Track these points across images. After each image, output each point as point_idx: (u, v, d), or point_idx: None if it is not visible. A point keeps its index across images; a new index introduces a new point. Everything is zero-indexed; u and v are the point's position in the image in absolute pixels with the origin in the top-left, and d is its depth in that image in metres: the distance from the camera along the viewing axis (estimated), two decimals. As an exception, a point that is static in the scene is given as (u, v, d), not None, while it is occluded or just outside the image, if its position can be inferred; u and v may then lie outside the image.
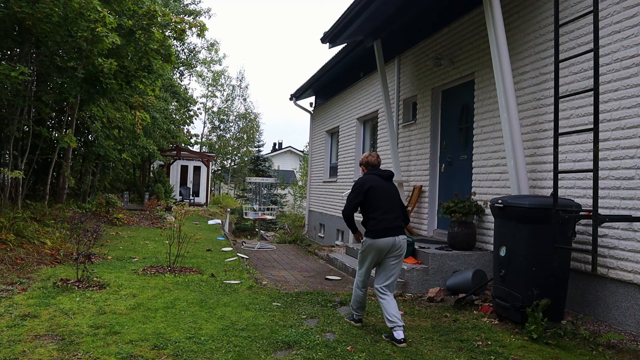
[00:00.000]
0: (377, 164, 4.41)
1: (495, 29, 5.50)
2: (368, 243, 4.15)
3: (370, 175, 4.31)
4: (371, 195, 4.16)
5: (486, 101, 6.59)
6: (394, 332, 3.90)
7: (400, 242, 4.14)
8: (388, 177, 4.32)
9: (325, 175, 14.31)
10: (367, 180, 4.23)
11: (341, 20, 7.78)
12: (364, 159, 4.46)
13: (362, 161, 4.47)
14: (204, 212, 18.95)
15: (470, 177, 6.91)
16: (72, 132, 10.55)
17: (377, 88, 10.24)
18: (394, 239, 4.10)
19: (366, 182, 4.21)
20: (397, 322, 3.91)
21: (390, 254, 4.14)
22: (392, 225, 4.12)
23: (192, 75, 27.63)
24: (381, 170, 4.36)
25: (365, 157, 4.46)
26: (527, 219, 4.40)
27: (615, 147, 4.57)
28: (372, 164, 4.39)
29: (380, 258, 4.18)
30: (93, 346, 3.46)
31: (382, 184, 4.24)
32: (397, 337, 3.86)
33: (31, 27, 6.95)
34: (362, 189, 4.18)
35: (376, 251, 4.13)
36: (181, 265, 6.68)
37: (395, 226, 4.13)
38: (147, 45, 8.46)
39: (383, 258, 4.18)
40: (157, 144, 17.59)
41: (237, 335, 3.86)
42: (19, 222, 7.38)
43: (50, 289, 5.06)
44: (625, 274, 4.40)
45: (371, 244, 4.13)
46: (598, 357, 3.72)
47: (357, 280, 4.37)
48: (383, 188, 4.21)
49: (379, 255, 4.16)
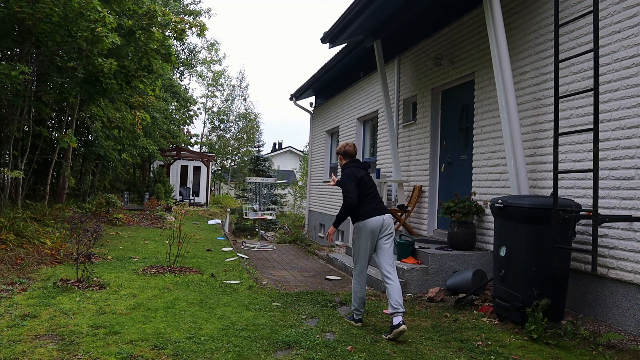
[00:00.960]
0: (355, 153, 4.71)
1: (495, 29, 5.50)
2: (360, 226, 4.39)
3: (355, 167, 4.55)
4: (362, 185, 4.44)
5: (486, 101, 6.59)
6: (394, 317, 4.04)
7: (388, 220, 4.41)
8: (367, 167, 4.65)
9: (325, 175, 14.31)
10: (355, 172, 4.49)
11: (341, 20, 7.78)
12: (341, 148, 4.71)
13: (340, 150, 4.72)
14: (204, 212, 18.95)
15: (470, 177, 6.91)
16: (72, 132, 10.55)
17: (377, 88, 10.24)
18: (382, 217, 4.37)
19: (357, 173, 4.48)
20: (399, 308, 4.06)
21: (382, 234, 4.38)
22: (378, 206, 4.43)
23: (192, 75, 27.65)
24: (361, 162, 4.66)
25: (343, 146, 4.71)
26: (527, 219, 4.40)
27: (615, 147, 4.57)
28: (349, 154, 4.67)
29: (374, 241, 4.39)
30: (93, 346, 3.46)
31: (366, 174, 4.56)
32: (395, 321, 4.00)
33: (31, 27, 6.94)
34: (356, 179, 4.43)
35: (368, 232, 4.35)
36: (181, 265, 6.68)
37: (380, 207, 4.44)
38: (147, 45, 8.46)
39: (377, 241, 4.39)
40: (158, 143, 17.58)
41: (237, 335, 3.86)
42: (19, 222, 7.38)
43: (50, 289, 5.06)
44: (625, 274, 4.40)
45: (363, 226, 4.36)
46: (598, 357, 3.72)
47: (355, 274, 4.49)
48: (367, 178, 4.55)
49: (372, 238, 4.37)
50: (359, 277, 4.48)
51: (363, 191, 4.42)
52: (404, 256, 6.26)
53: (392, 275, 4.28)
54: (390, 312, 4.11)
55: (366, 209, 4.38)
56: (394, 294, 4.14)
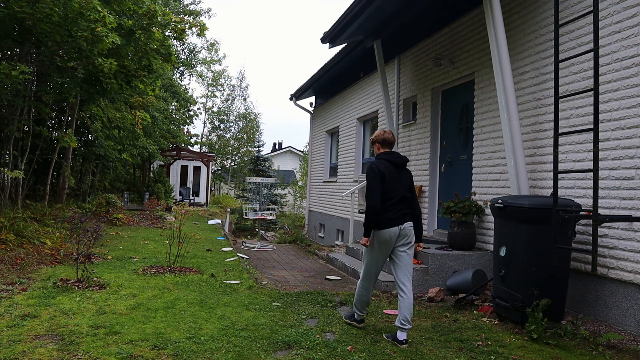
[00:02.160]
0: (393, 142, 4.21)
1: (495, 29, 5.50)
2: (374, 233, 4.03)
3: (383, 161, 4.07)
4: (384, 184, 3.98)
5: (486, 101, 6.59)
6: (398, 332, 3.89)
7: (406, 229, 4.01)
8: (401, 164, 4.12)
9: (325, 175, 14.31)
10: (382, 166, 4.02)
11: (341, 20, 7.78)
12: (379, 136, 4.20)
13: (378, 138, 4.20)
14: (204, 212, 18.95)
15: (470, 177, 6.91)
16: (72, 132, 10.56)
17: (377, 88, 10.24)
18: (398, 228, 3.97)
19: (383, 167, 4.02)
20: (406, 325, 3.87)
21: (398, 243, 4.02)
22: (397, 215, 3.99)
23: (192, 75, 27.64)
24: (395, 156, 4.13)
25: (380, 134, 4.21)
26: (527, 219, 4.40)
27: (615, 147, 4.57)
28: (389, 142, 4.17)
29: (387, 251, 4.06)
30: (93, 346, 3.46)
31: (394, 172, 4.05)
32: (400, 337, 3.85)
33: (31, 27, 6.95)
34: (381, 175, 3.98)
35: (380, 243, 4.01)
36: (181, 265, 6.68)
37: (399, 215, 4.00)
38: (147, 45, 8.47)
39: (393, 249, 4.06)
40: (158, 143, 17.58)
41: (237, 335, 3.86)
42: (19, 222, 7.38)
43: (50, 289, 5.06)
44: (625, 274, 4.40)
45: (376, 235, 4.02)
46: (598, 357, 3.72)
47: (362, 276, 4.23)
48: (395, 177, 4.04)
49: (386, 248, 4.03)
50: (365, 281, 4.20)
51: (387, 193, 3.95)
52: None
53: (406, 288, 3.96)
54: (397, 325, 3.91)
55: (382, 218, 3.95)
56: (404, 310, 3.90)
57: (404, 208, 4.06)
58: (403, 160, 4.15)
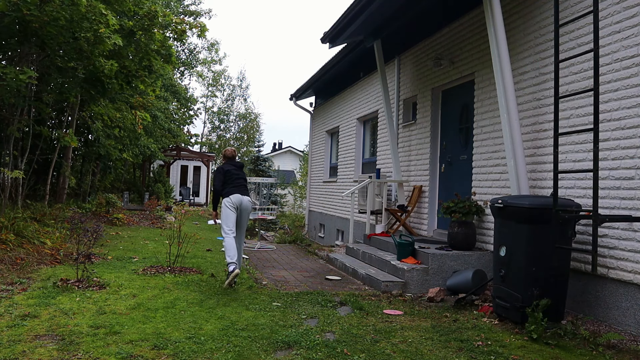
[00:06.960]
0: (233, 156, 6.24)
1: (495, 29, 5.50)
2: (225, 201, 5.76)
3: (228, 165, 6.10)
4: (228, 176, 5.94)
5: (486, 101, 6.59)
6: (229, 266, 5.39)
7: (246, 201, 5.87)
8: (240, 166, 6.14)
9: (325, 175, 14.31)
10: (224, 167, 6.06)
11: (341, 20, 7.78)
12: (223, 153, 6.35)
13: (223, 154, 6.35)
14: (203, 212, 18.95)
15: (470, 177, 6.91)
16: (72, 131, 10.56)
17: (377, 88, 10.24)
18: (240, 196, 5.80)
19: (225, 167, 6.05)
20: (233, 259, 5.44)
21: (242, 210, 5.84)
22: (239, 190, 5.85)
23: (192, 75, 27.66)
24: (235, 162, 6.20)
25: (224, 152, 6.33)
26: (527, 219, 4.40)
27: (615, 147, 4.57)
28: (228, 156, 6.24)
29: (236, 213, 5.77)
30: (93, 346, 3.46)
31: (235, 170, 6.04)
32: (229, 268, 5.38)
33: (37, 29, 6.95)
34: (223, 171, 6.00)
35: (230, 205, 5.71)
36: (181, 265, 6.68)
37: (241, 190, 5.85)
38: (147, 45, 8.47)
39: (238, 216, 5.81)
40: (159, 142, 17.58)
41: (237, 335, 3.86)
42: (19, 222, 7.38)
43: (50, 289, 5.06)
44: (625, 274, 4.40)
45: (226, 201, 5.75)
46: (598, 357, 3.72)
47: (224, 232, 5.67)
48: (235, 172, 6.02)
49: (234, 210, 5.74)
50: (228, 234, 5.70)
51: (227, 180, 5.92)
52: (404, 256, 6.26)
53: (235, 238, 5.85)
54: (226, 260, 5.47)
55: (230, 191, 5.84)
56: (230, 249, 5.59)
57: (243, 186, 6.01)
58: (240, 163, 6.24)
